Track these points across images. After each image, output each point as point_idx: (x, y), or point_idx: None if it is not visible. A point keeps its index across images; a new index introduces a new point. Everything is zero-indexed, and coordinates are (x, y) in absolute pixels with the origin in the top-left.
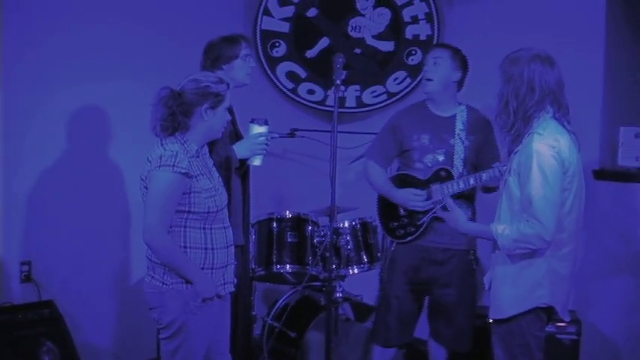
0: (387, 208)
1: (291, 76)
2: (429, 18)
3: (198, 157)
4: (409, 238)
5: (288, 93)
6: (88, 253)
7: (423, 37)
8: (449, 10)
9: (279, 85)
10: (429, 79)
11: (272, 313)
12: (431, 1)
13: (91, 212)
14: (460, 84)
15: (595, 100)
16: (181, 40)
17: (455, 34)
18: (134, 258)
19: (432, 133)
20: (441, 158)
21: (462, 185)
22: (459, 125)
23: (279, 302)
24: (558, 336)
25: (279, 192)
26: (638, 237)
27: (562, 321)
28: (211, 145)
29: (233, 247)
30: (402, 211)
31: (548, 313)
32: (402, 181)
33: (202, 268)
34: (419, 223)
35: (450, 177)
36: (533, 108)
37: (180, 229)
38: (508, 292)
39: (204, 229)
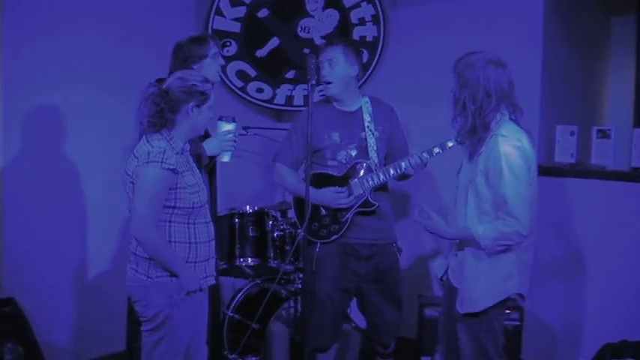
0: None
1: (240, 75)
2: (375, 20)
3: (182, 153)
4: (334, 237)
5: (238, 91)
6: (45, 252)
7: (369, 39)
8: (393, 12)
9: (229, 84)
10: (329, 82)
11: (232, 305)
12: (377, 4)
13: (48, 211)
14: (359, 76)
15: (533, 100)
16: (133, 42)
17: (400, 35)
18: (91, 255)
19: (341, 130)
20: (354, 153)
21: (382, 177)
22: (367, 117)
23: (239, 295)
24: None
25: (229, 189)
26: (573, 229)
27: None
28: None
29: (214, 241)
30: (322, 211)
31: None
32: (318, 180)
33: (186, 262)
34: (342, 220)
35: (367, 170)
36: (492, 113)
37: (166, 224)
38: (482, 286)
39: (188, 223)
